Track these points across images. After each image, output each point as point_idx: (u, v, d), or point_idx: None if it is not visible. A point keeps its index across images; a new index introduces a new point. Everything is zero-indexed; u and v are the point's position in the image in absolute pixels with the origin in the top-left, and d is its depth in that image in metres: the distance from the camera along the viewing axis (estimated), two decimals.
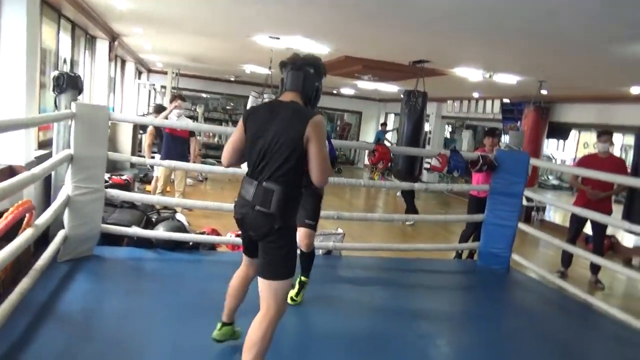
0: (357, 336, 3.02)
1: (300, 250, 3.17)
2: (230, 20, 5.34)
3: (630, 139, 9.54)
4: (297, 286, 3.30)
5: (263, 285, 2.13)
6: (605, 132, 5.34)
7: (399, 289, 4.09)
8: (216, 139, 14.71)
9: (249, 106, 6.92)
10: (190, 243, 4.28)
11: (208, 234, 4.69)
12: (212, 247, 4.58)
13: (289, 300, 3.08)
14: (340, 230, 5.06)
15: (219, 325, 2.58)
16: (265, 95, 6.74)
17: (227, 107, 16.60)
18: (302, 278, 3.33)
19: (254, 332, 2.09)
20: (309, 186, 2.23)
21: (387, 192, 11.55)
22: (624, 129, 8.06)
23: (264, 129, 2.12)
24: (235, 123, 14.41)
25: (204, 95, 16.47)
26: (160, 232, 4.23)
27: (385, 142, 9.67)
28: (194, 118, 12.10)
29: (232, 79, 14.13)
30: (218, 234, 4.81)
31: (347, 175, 11.66)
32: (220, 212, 6.53)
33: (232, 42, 6.98)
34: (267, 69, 7.09)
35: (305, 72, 2.22)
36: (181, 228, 4.44)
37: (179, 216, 5.06)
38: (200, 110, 13.90)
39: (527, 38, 4.30)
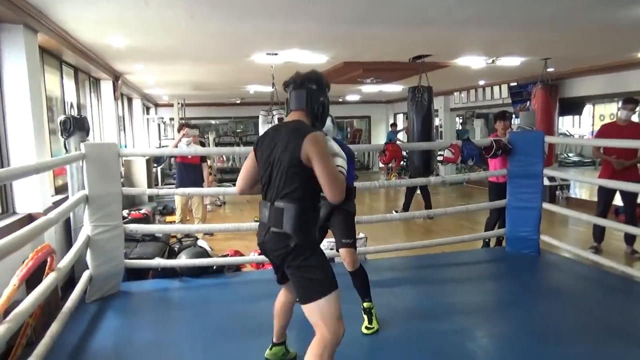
0: (392, 338, 2.95)
1: (349, 272, 3.04)
2: (225, 42, 5.38)
3: None
4: (364, 315, 3.07)
5: (307, 311, 2.02)
6: (631, 100, 5.15)
7: (429, 286, 4.01)
8: (230, 163, 14.81)
9: (260, 125, 6.92)
10: (214, 267, 4.29)
11: (231, 256, 4.67)
12: (237, 268, 4.57)
13: (364, 331, 3.00)
14: (362, 234, 5.00)
15: (270, 345, 2.60)
16: (274, 112, 6.73)
17: (237, 130, 16.74)
18: (364, 304, 3.08)
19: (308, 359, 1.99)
20: (339, 204, 2.11)
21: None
22: (637, 95, 7.84)
23: (269, 152, 2.11)
24: (246, 144, 14.49)
25: (212, 121, 16.63)
26: (183, 260, 4.23)
27: (398, 142, 9.60)
28: (204, 145, 12.16)
29: (238, 102, 14.25)
30: (241, 255, 4.80)
31: (364, 179, 11.58)
32: (241, 233, 6.59)
33: (231, 64, 7.03)
34: (271, 87, 7.11)
35: (307, 89, 2.17)
36: (203, 253, 4.45)
37: (201, 242, 5.07)
38: (211, 136, 14.03)
39: (525, 12, 4.21)
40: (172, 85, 9.95)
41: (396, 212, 7.76)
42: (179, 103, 11.59)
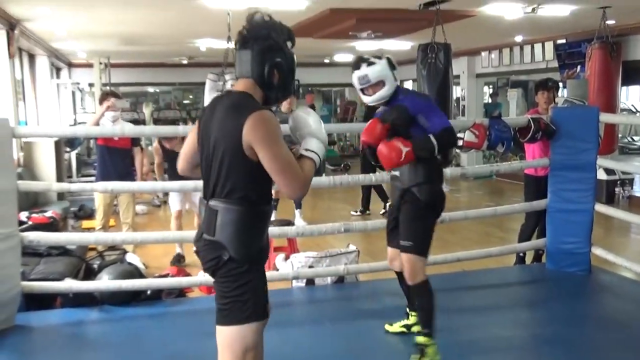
0: None
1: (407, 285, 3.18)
2: None
3: None
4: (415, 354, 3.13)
5: (219, 336, 2.16)
6: None
7: (444, 317, 4.02)
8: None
9: (207, 93, 6.89)
10: (149, 292, 4.29)
11: (172, 277, 4.66)
12: (180, 293, 4.57)
13: None
14: (352, 247, 5.02)
15: None
16: (227, 77, 6.71)
17: (185, 102, 16.61)
18: (419, 339, 3.15)
19: None
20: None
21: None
22: None
23: (205, 134, 2.19)
24: (195, 121, 14.33)
25: (150, 89, 16.49)
26: (104, 282, 4.22)
27: None
28: (138, 122, 12.08)
29: (185, 62, 14.15)
30: (186, 274, 4.79)
31: (357, 171, 11.63)
32: (187, 245, 6.55)
33: (175, 10, 6.97)
34: (226, 41, 7.07)
35: (252, 49, 2.15)
36: (134, 273, 4.44)
37: (130, 257, 5.05)
38: (147, 110, 13.90)
39: None
40: (91, 38, 9.82)
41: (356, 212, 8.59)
42: (101, 63, 11.46)
